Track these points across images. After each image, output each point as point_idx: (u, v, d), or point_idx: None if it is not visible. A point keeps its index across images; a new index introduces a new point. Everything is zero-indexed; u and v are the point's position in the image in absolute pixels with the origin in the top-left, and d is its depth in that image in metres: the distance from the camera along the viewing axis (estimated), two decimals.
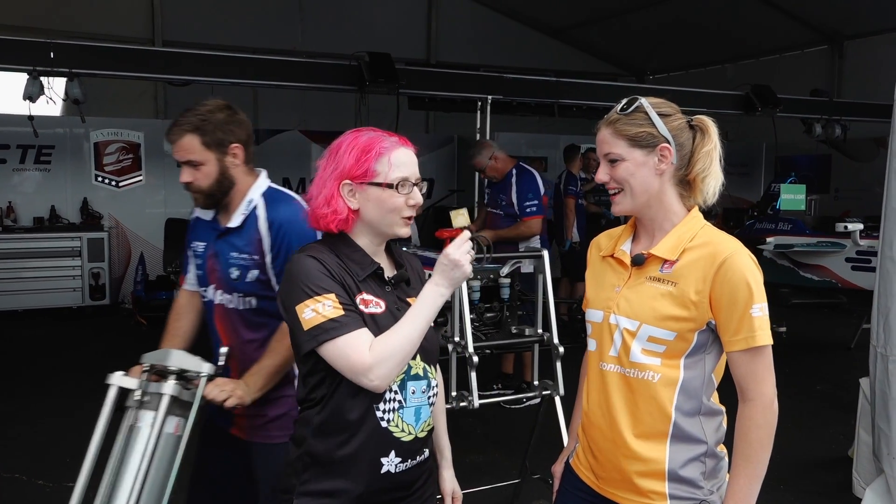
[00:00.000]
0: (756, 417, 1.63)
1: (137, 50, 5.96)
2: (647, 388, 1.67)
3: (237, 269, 2.17)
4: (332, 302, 1.59)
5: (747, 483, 1.64)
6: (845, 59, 11.00)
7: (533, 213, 5.14)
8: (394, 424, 1.66)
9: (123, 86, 8.68)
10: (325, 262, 1.64)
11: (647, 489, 1.68)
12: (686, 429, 1.67)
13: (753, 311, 1.59)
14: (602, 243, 1.87)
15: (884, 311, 3.33)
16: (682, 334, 1.64)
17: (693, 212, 1.74)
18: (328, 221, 1.68)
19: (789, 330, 6.82)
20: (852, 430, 4.05)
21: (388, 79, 5.64)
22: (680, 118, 1.71)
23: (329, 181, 1.68)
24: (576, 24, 12.54)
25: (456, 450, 3.41)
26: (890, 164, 3.27)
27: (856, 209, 8.87)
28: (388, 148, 1.68)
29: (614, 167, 1.69)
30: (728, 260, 1.60)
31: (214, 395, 2.02)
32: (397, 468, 1.68)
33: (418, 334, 1.61)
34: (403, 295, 1.75)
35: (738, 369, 1.64)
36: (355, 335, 1.58)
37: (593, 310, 1.78)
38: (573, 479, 1.87)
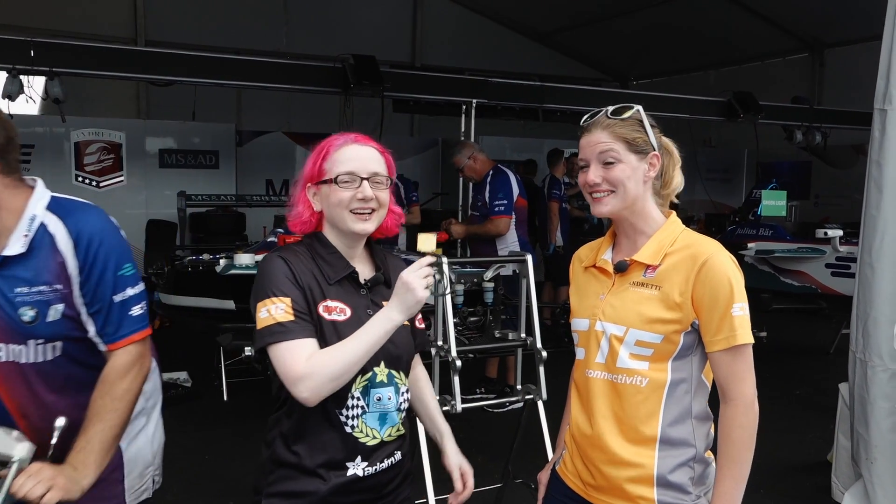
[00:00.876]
0: (739, 418, 1.64)
1: (120, 49, 5.91)
2: (636, 394, 1.67)
3: (31, 309, 1.66)
4: (285, 306, 1.59)
5: (733, 484, 1.64)
6: (826, 66, 11.14)
7: (500, 212, 5.19)
8: (358, 430, 1.66)
9: (105, 85, 8.61)
10: (293, 264, 1.65)
11: (635, 495, 1.68)
12: (674, 433, 1.68)
13: (734, 310, 1.61)
14: (583, 256, 1.89)
15: (863, 316, 3.36)
16: (669, 336, 1.65)
17: (672, 217, 1.76)
18: (293, 224, 1.73)
19: (770, 335, 6.88)
20: (831, 434, 4.08)
21: (373, 81, 5.62)
22: (659, 132, 1.75)
23: (299, 185, 1.73)
24: (560, 28, 12.60)
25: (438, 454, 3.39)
26: (870, 171, 3.30)
27: (835, 215, 8.98)
28: (337, 146, 1.69)
29: (609, 168, 1.68)
30: (709, 260, 1.62)
31: (28, 491, 1.51)
32: (365, 472, 1.67)
33: (358, 356, 1.57)
34: (380, 298, 1.73)
35: (719, 370, 1.66)
36: (297, 343, 1.57)
37: (579, 319, 1.79)
38: (560, 486, 1.87)
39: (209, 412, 5.21)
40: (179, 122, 9.32)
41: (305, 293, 1.63)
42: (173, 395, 5.40)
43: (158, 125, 9.55)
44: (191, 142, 9.50)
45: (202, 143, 9.53)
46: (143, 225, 8.26)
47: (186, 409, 5.24)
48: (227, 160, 9.58)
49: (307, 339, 1.59)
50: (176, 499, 3.88)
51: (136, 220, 8.25)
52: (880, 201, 3.21)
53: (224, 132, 9.66)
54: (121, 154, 8.97)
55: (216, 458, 4.34)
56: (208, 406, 5.32)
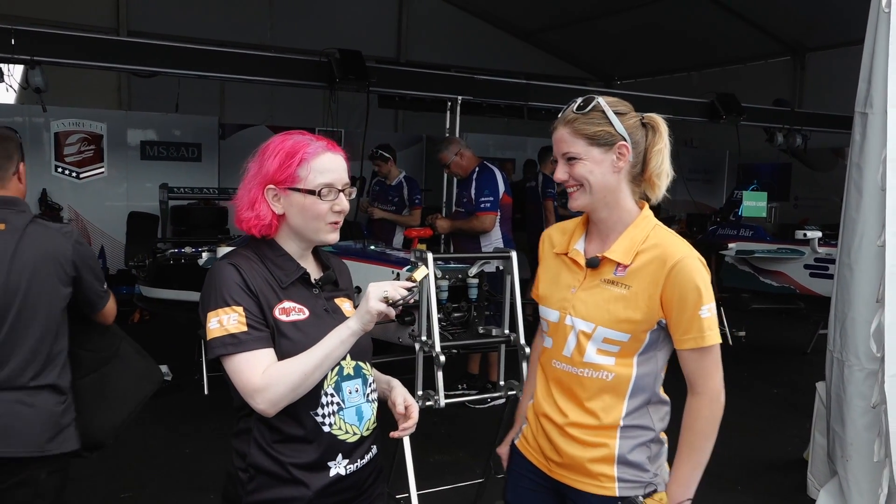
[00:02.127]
0: (703, 409, 1.71)
1: (102, 39, 5.81)
2: (602, 387, 1.73)
3: None
4: (238, 316, 1.57)
5: (691, 469, 1.73)
6: (806, 70, 11.26)
7: (486, 208, 5.20)
8: (337, 427, 1.66)
9: (86, 75, 8.50)
10: (245, 271, 1.62)
11: (597, 472, 1.75)
12: (637, 419, 1.75)
13: (702, 312, 1.66)
14: (555, 238, 1.90)
15: (840, 317, 3.40)
16: (636, 335, 1.70)
17: (645, 211, 1.78)
18: (251, 226, 1.66)
19: (748, 334, 6.96)
20: (807, 432, 4.14)
21: (359, 76, 5.59)
22: (634, 116, 1.75)
23: (254, 185, 1.66)
24: (546, 27, 12.63)
25: (419, 449, 3.40)
26: (850, 173, 3.35)
27: (814, 217, 9.08)
28: (312, 153, 1.64)
29: (573, 165, 1.72)
30: (678, 264, 1.66)
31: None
32: (347, 470, 1.68)
33: (317, 366, 1.57)
34: (332, 297, 1.75)
35: (687, 365, 1.72)
36: (251, 355, 1.56)
37: (549, 309, 1.82)
38: (522, 461, 1.92)
39: (190, 406, 5.18)
40: (162, 115, 9.23)
41: (259, 300, 1.60)
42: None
43: (140, 117, 9.45)
44: (173, 134, 9.41)
45: (185, 136, 9.44)
46: (124, 217, 8.18)
47: (167, 402, 5.19)
48: (210, 153, 9.51)
49: (262, 349, 1.57)
50: (156, 492, 3.86)
51: (117, 213, 8.17)
52: (860, 203, 3.25)
53: (207, 125, 9.58)
54: (102, 145, 8.86)
55: (197, 451, 4.32)
56: (189, 400, 5.29)
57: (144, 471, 4.10)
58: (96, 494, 3.79)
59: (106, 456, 3.83)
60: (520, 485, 1.92)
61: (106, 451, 3.73)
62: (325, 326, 1.65)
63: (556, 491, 1.84)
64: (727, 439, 5.07)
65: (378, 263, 3.75)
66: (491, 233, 5.25)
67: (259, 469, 1.63)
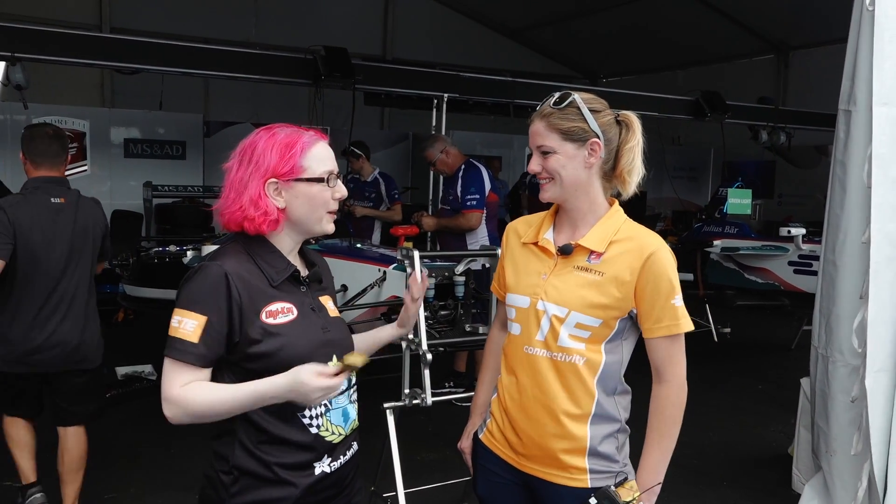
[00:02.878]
0: (671, 396, 1.77)
1: (85, 36, 5.76)
2: (574, 371, 1.76)
3: None
4: (197, 324, 1.55)
5: (661, 456, 1.78)
6: (790, 68, 11.35)
7: (472, 206, 5.19)
8: (324, 429, 1.67)
9: (68, 72, 8.42)
10: (233, 277, 1.59)
11: (569, 464, 1.77)
12: (606, 408, 1.79)
13: (675, 301, 1.72)
14: (521, 230, 1.93)
15: (825, 313, 3.43)
16: (607, 321, 1.74)
17: (615, 206, 1.83)
18: (259, 224, 1.63)
19: (733, 331, 7.00)
20: (792, 428, 4.17)
21: (344, 74, 5.56)
22: (609, 114, 1.78)
23: (252, 182, 1.62)
24: (532, 25, 12.65)
25: (407, 448, 3.39)
26: (834, 170, 3.36)
27: (798, 215, 9.16)
28: (309, 143, 1.66)
29: (546, 158, 1.77)
30: (654, 255, 1.72)
31: None
32: (331, 468, 1.69)
33: (227, 410, 1.57)
34: (317, 294, 1.75)
35: (656, 353, 1.77)
36: (183, 367, 1.56)
37: (518, 295, 1.84)
38: (489, 455, 1.93)
39: None
40: (145, 112, 9.16)
41: (233, 312, 1.57)
42: (138, 388, 5.32)
43: (124, 114, 9.37)
44: (157, 132, 9.34)
45: (169, 134, 9.37)
46: (108, 215, 8.09)
47: (151, 402, 5.13)
48: (195, 151, 9.44)
49: (195, 367, 1.56)
50: (140, 492, 3.83)
51: None
52: (844, 200, 3.27)
53: (191, 122, 9.52)
54: (84, 143, 8.77)
55: (182, 451, 4.28)
56: None
57: (129, 471, 4.07)
58: (80, 495, 3.75)
59: (90, 456, 3.81)
60: (490, 479, 1.93)
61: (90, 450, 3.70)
62: (312, 325, 1.67)
63: (525, 485, 1.85)
64: (712, 435, 5.10)
65: (365, 261, 3.74)
66: (477, 231, 5.24)
67: (243, 471, 1.62)
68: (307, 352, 1.62)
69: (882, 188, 2.93)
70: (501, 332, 1.99)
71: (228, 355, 1.60)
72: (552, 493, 1.79)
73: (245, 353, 1.60)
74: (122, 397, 5.15)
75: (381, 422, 3.22)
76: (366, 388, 1.76)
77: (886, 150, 2.91)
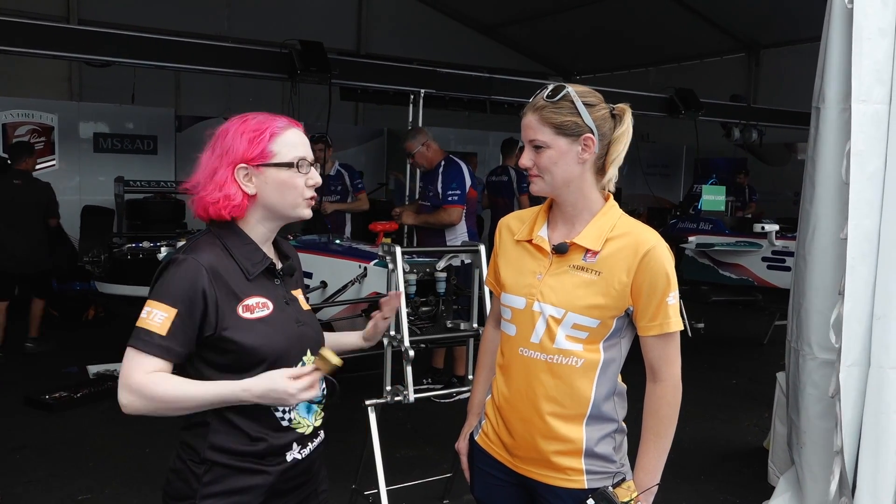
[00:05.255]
0: (667, 396, 1.74)
1: (52, 27, 5.61)
2: (570, 374, 1.72)
3: None
4: (167, 316, 1.53)
5: (657, 455, 1.75)
6: (761, 66, 11.51)
7: (454, 201, 5.17)
8: (295, 422, 1.68)
9: (34, 64, 8.24)
10: (208, 270, 1.57)
11: (564, 466, 1.75)
12: (602, 409, 1.75)
13: (669, 299, 1.68)
14: (514, 226, 1.88)
15: (796, 307, 3.47)
16: (605, 321, 1.70)
17: (610, 201, 1.79)
18: (220, 208, 1.61)
19: (707, 326, 7.08)
20: (767, 421, 4.23)
21: (320, 68, 5.52)
22: (604, 108, 1.74)
23: (221, 168, 1.61)
24: (506, 22, 12.67)
25: (386, 445, 3.37)
26: (807, 169, 3.41)
27: (768, 211, 9.29)
28: (280, 128, 1.64)
29: (539, 154, 1.72)
30: (651, 251, 1.67)
31: None
32: (301, 454, 1.71)
33: (193, 406, 1.56)
34: (290, 287, 1.74)
35: (651, 352, 1.73)
36: (148, 358, 1.53)
37: (513, 296, 1.80)
38: (484, 457, 1.90)
39: None
40: (116, 106, 9.00)
41: (208, 306, 1.56)
42: (110, 386, 5.23)
43: (93, 108, 9.19)
44: (127, 126, 9.18)
45: (139, 128, 9.21)
46: (77, 211, 7.94)
47: None
48: (167, 146, 9.30)
49: (160, 359, 1.54)
50: (116, 492, 3.77)
51: (69, 206, 7.90)
52: (814, 196, 3.32)
53: (163, 117, 9.37)
54: (52, 137, 8.59)
55: (156, 449, 4.21)
56: None
57: (103, 471, 3.99)
58: (53, 496, 3.68)
59: (63, 456, 3.73)
60: (487, 481, 1.90)
61: (62, 451, 3.63)
62: (286, 319, 1.66)
63: (522, 486, 1.83)
64: (688, 429, 5.15)
65: (345, 258, 3.71)
66: (457, 226, 5.23)
67: (215, 462, 1.61)
68: (283, 346, 1.62)
69: (859, 185, 2.97)
70: (496, 330, 1.95)
71: (199, 348, 1.58)
72: (549, 495, 1.77)
73: (219, 347, 1.58)
74: (93, 396, 5.06)
75: (361, 419, 3.20)
76: (345, 386, 1.73)
77: (864, 146, 2.95)
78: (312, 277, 3.75)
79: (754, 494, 3.83)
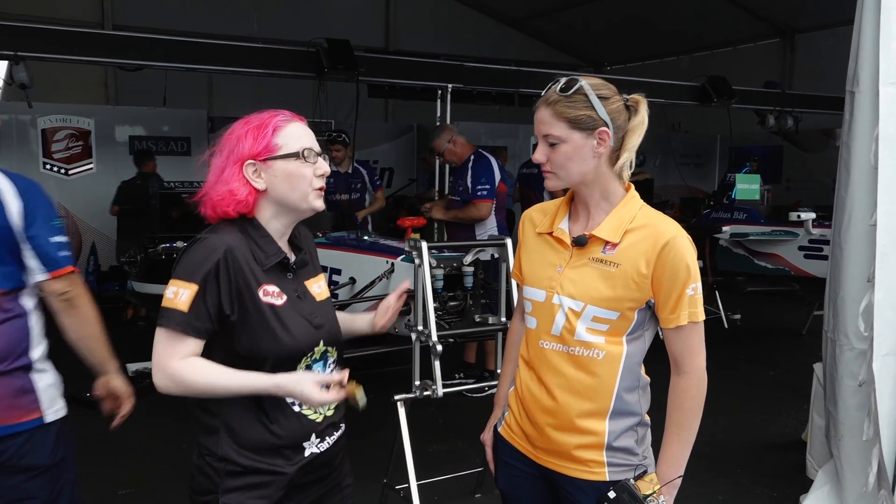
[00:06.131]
0: (691, 388, 1.72)
1: (88, 33, 5.74)
2: (593, 366, 1.71)
3: None
4: (190, 293, 1.56)
5: (681, 448, 1.73)
6: (796, 52, 11.26)
7: (483, 196, 5.16)
8: (307, 408, 1.69)
9: (71, 70, 8.42)
10: (231, 252, 1.60)
11: (586, 458, 1.74)
12: (625, 402, 1.74)
13: (690, 290, 1.66)
14: (536, 219, 1.87)
15: (833, 296, 3.40)
16: (625, 313, 1.69)
17: (631, 192, 1.76)
18: (226, 205, 1.63)
19: (744, 317, 6.97)
20: (805, 414, 4.15)
21: (347, 66, 5.55)
22: (618, 100, 1.71)
23: (228, 167, 1.65)
24: (534, 13, 12.58)
25: (418, 440, 3.39)
26: (840, 153, 3.34)
27: (806, 199, 9.10)
28: (284, 122, 1.67)
29: (553, 149, 1.69)
30: (670, 242, 1.65)
31: None
32: (320, 448, 1.73)
33: (225, 392, 1.61)
34: (303, 279, 1.76)
35: (673, 344, 1.72)
36: (178, 337, 1.57)
37: (534, 288, 1.80)
38: (508, 448, 1.91)
39: (184, 401, 5.13)
40: (150, 109, 9.15)
41: (227, 285, 1.58)
42: (149, 384, 5.32)
43: (128, 111, 9.37)
44: (161, 128, 9.34)
45: (173, 130, 9.36)
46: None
47: (162, 398, 5.15)
48: (200, 146, 9.43)
49: (192, 338, 1.58)
50: (155, 487, 3.84)
51: (107, 209, 8.11)
52: (849, 182, 3.24)
53: (196, 118, 9.51)
54: (90, 141, 8.77)
55: (193, 446, 4.29)
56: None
57: (142, 467, 4.08)
58: (94, 491, 3.76)
59: (103, 452, 3.82)
60: (511, 473, 1.91)
61: (103, 447, 3.72)
62: (300, 312, 1.68)
63: (545, 478, 1.83)
64: (724, 422, 5.07)
65: (372, 254, 3.73)
66: (487, 221, 5.22)
67: (233, 460, 1.65)
68: (293, 338, 1.65)
69: (890, 169, 2.89)
70: (521, 323, 1.94)
71: (221, 332, 1.61)
72: (571, 486, 1.76)
73: (237, 332, 1.61)
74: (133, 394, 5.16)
75: (391, 414, 3.22)
76: (376, 381, 1.75)
77: (894, 130, 2.88)
78: (341, 274, 3.78)
79: (792, 487, 3.77)
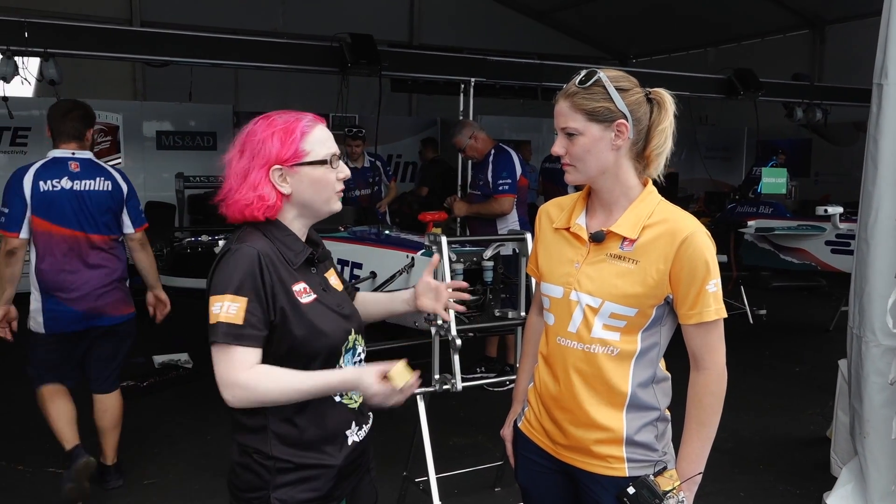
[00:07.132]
0: (710, 385, 1.71)
1: (115, 29, 5.81)
2: (607, 363, 1.71)
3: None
4: (240, 306, 1.56)
5: (701, 445, 1.73)
6: (826, 43, 11.06)
7: (505, 191, 5.16)
8: (347, 397, 1.72)
9: (101, 66, 8.54)
10: (265, 259, 1.61)
11: (605, 454, 1.74)
12: (641, 398, 1.73)
13: (709, 286, 1.65)
14: (553, 214, 1.87)
15: (859, 292, 3.35)
16: (643, 310, 1.68)
17: (648, 186, 1.75)
18: (254, 209, 1.64)
19: (769, 312, 6.90)
20: (830, 410, 4.10)
21: (371, 60, 5.56)
22: (638, 92, 1.70)
23: (254, 170, 1.64)
24: (558, 6, 12.50)
25: (439, 433, 3.40)
26: (867, 146, 3.29)
27: (835, 194, 8.95)
28: (308, 127, 1.67)
29: (571, 141, 1.69)
30: (689, 238, 1.64)
31: None
32: (358, 436, 1.75)
33: (301, 395, 1.60)
34: (322, 272, 1.78)
35: (693, 341, 1.71)
36: (240, 350, 1.56)
37: (552, 285, 1.80)
38: (527, 444, 1.91)
39: (210, 393, 5.12)
40: (177, 104, 9.26)
41: (267, 292, 1.59)
42: (175, 376, 5.42)
43: (155, 107, 9.49)
44: (188, 123, 9.45)
45: (200, 125, 9.47)
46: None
47: (188, 390, 5.27)
48: (225, 141, 9.48)
49: (253, 348, 1.58)
50: (179, 478, 3.91)
51: None
52: (876, 177, 3.19)
53: (221, 113, 9.61)
54: (118, 136, 8.90)
55: (218, 437, 4.36)
56: (209, 387, 5.21)
57: (167, 458, 4.15)
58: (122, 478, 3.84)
59: (128, 443, 3.90)
60: (530, 468, 1.91)
61: (130, 438, 3.79)
62: (329, 305, 1.70)
63: (564, 473, 1.83)
64: (748, 418, 5.03)
65: (393, 248, 3.75)
66: (508, 216, 5.22)
67: (281, 458, 1.65)
68: (330, 331, 1.67)
69: None
70: (539, 318, 1.94)
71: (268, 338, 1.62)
72: (590, 482, 1.77)
73: (277, 334, 1.62)
74: (159, 385, 5.26)
75: (412, 408, 3.24)
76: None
77: None
78: (362, 268, 3.80)
79: (816, 485, 3.73)
